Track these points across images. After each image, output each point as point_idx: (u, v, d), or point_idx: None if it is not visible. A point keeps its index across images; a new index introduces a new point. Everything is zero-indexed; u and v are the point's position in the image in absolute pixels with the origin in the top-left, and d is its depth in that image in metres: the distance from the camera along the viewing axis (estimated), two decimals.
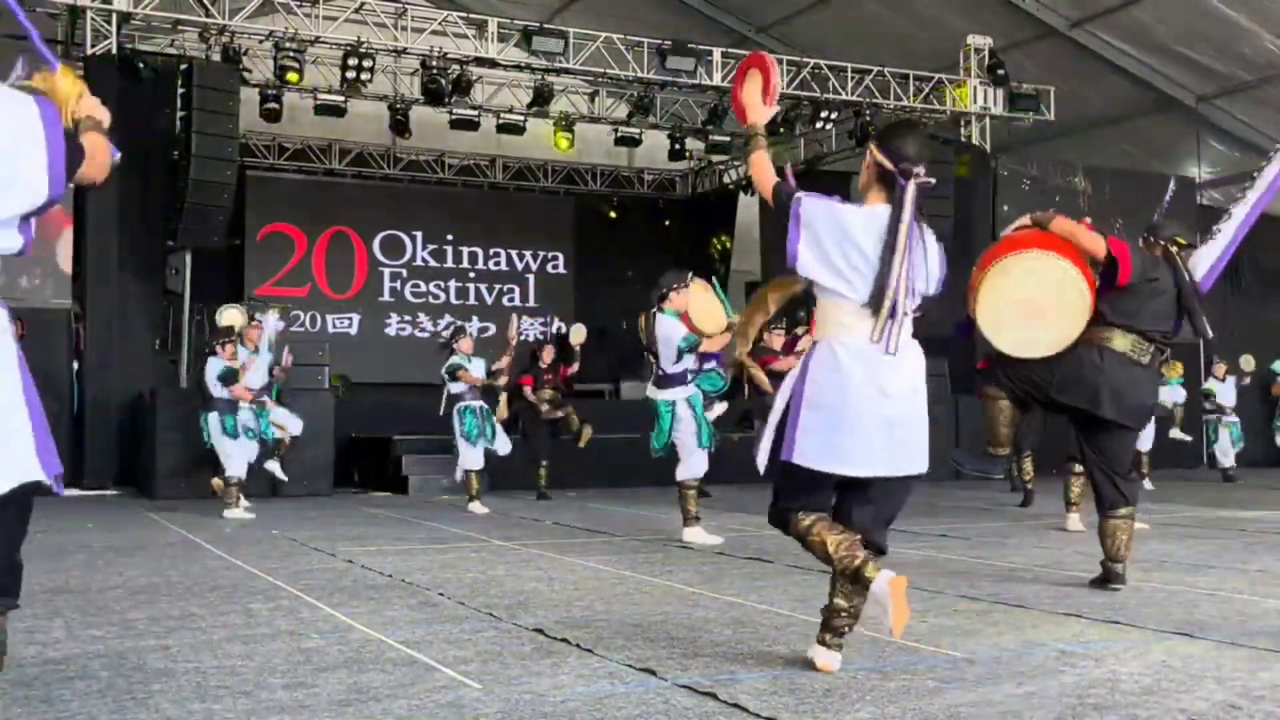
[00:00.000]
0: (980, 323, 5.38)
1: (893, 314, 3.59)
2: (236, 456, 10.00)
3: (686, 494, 7.83)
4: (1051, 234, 5.43)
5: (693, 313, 7.89)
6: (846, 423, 3.61)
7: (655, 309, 7.89)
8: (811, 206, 3.65)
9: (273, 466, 11.22)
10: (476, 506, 10.16)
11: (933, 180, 3.74)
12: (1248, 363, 15.02)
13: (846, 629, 3.73)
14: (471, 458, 10.42)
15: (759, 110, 3.96)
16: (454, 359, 10.53)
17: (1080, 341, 5.33)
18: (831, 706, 3.24)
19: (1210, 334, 5.61)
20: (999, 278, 5.33)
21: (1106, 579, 5.46)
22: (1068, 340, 5.30)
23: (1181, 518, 9.18)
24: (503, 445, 10.79)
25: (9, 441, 2.37)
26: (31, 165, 2.35)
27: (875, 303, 3.59)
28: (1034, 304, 5.28)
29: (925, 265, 3.70)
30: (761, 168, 3.85)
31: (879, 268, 3.58)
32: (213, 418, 9.98)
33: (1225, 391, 14.81)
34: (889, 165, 3.66)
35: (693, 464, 7.84)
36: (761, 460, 3.78)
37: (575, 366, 12.90)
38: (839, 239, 3.61)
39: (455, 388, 10.53)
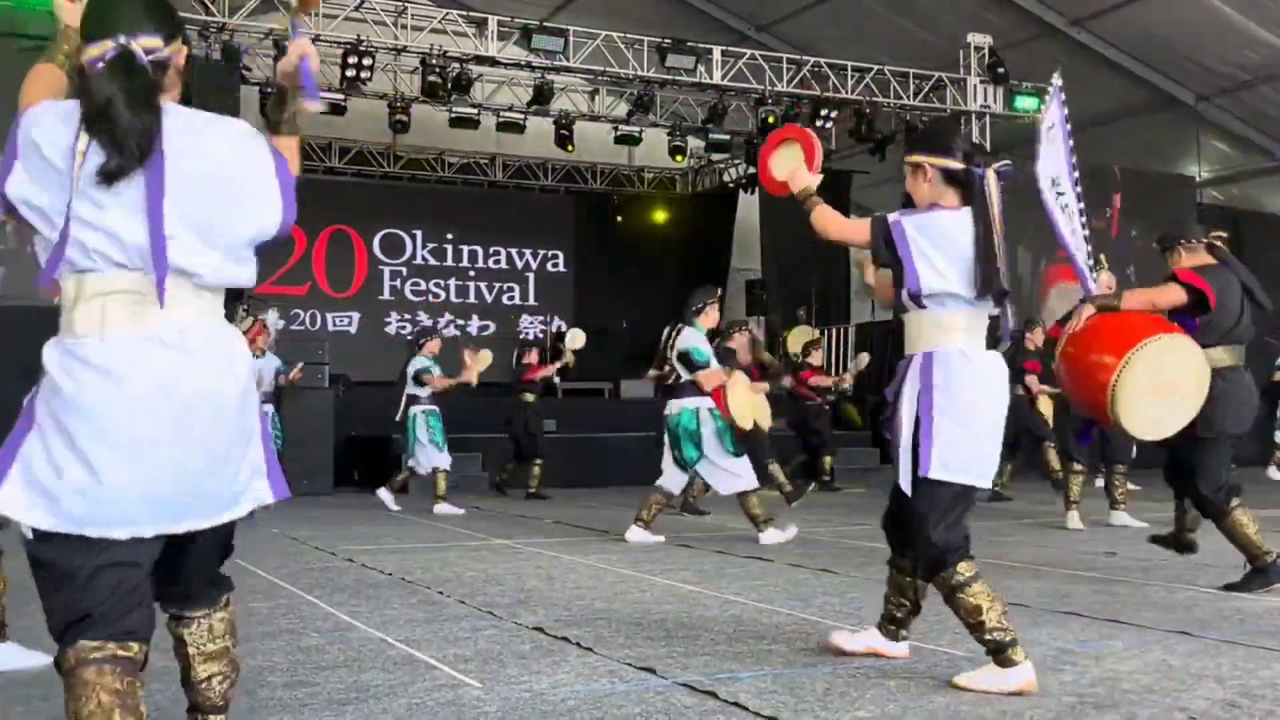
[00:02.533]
0: (1130, 428, 5.07)
1: (1001, 300, 3.56)
2: None
3: (748, 501, 7.54)
4: (1133, 313, 5.25)
5: (732, 404, 7.82)
6: (976, 431, 3.50)
7: (684, 324, 7.73)
8: (910, 222, 3.55)
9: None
10: (445, 508, 9.95)
11: (1009, 162, 3.64)
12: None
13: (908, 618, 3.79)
14: (441, 458, 10.26)
15: (805, 176, 3.86)
16: (421, 361, 10.35)
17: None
18: (832, 705, 3.24)
19: (1269, 304, 5.59)
20: (1130, 379, 4.96)
21: (1265, 575, 5.28)
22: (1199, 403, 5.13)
23: None
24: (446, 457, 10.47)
25: (253, 465, 2.41)
26: (266, 193, 2.39)
27: (986, 291, 3.50)
28: (1169, 386, 5.04)
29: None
30: (828, 218, 3.77)
31: (982, 260, 3.50)
32: None
33: None
34: (958, 165, 3.57)
35: (743, 474, 7.56)
36: (905, 482, 3.53)
37: (551, 369, 12.84)
38: (945, 245, 3.52)
39: (420, 391, 10.34)
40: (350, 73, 14.42)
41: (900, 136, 16.56)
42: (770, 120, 16.03)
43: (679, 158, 18.51)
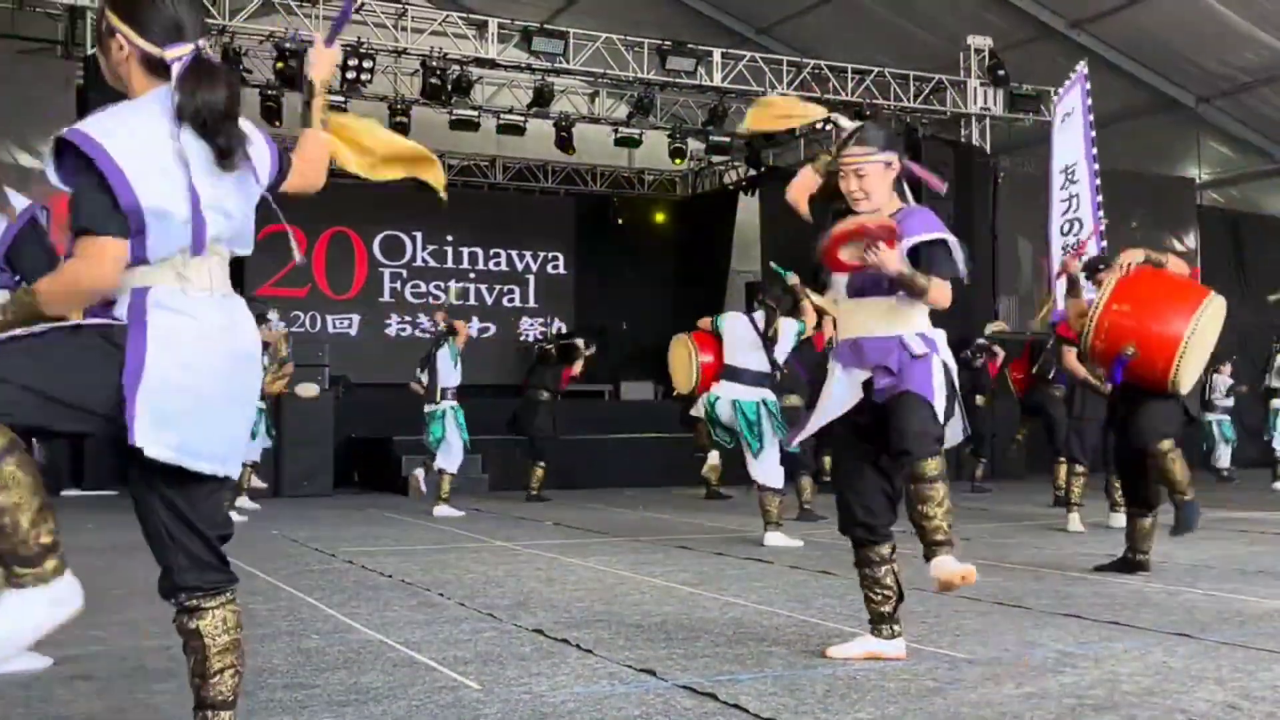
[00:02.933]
0: (1183, 385, 5.55)
1: None
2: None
3: (768, 498, 7.54)
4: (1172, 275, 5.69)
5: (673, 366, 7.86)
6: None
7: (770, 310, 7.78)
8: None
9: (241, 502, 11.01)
10: (446, 510, 9.93)
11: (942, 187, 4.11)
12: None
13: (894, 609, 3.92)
14: (455, 460, 10.27)
15: (897, 261, 3.76)
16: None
17: None
18: (832, 707, 3.24)
19: None
20: (1201, 341, 5.49)
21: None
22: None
23: None
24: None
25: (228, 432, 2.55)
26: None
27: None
28: (1208, 344, 5.62)
29: None
30: (942, 295, 3.84)
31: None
32: None
33: (1221, 390, 14.75)
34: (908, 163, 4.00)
35: (777, 470, 7.55)
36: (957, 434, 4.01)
37: (578, 368, 12.86)
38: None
39: (452, 382, 10.40)
40: (350, 75, 14.43)
41: (901, 139, 16.56)
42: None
43: (679, 160, 18.50)
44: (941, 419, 3.83)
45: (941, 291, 3.80)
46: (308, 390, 11.52)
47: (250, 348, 2.58)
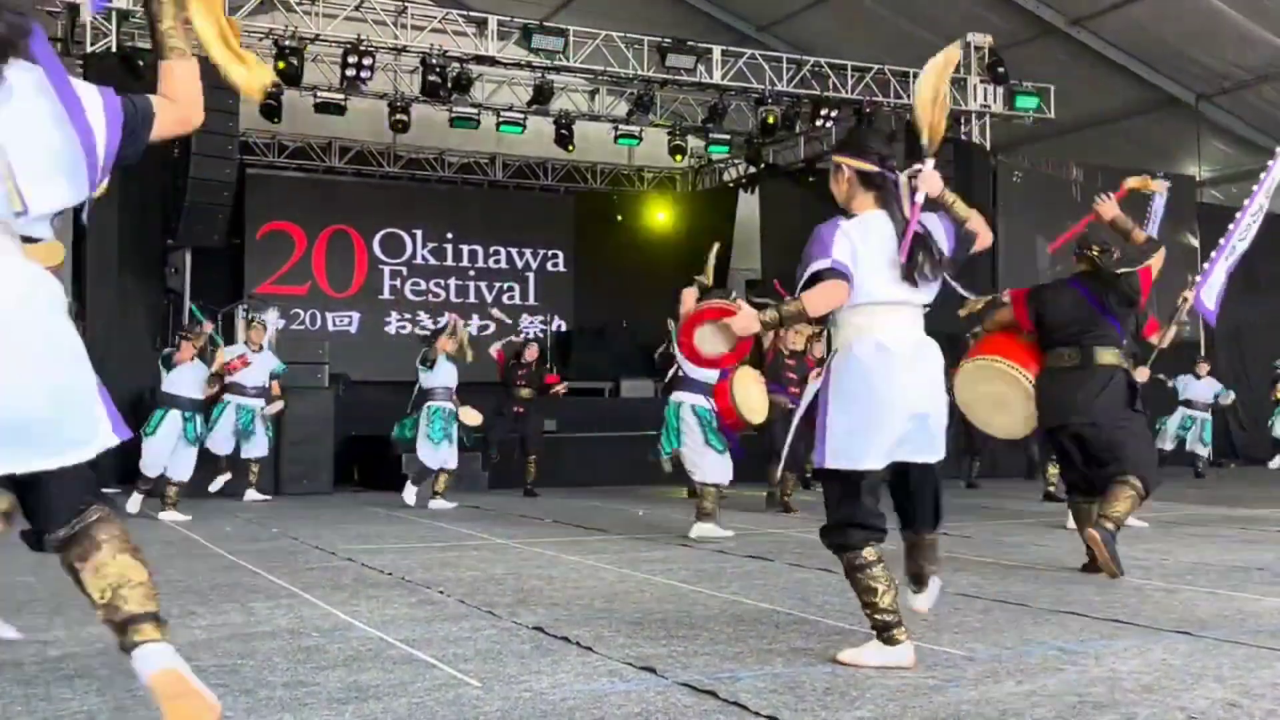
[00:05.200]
0: (1002, 433, 6.62)
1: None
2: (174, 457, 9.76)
3: (705, 491, 7.92)
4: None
5: (740, 402, 7.94)
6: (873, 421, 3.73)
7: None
8: (837, 255, 3.70)
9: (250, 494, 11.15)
10: (439, 503, 10.32)
11: (919, 166, 3.84)
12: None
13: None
14: (439, 455, 10.43)
15: (751, 322, 3.78)
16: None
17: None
18: (832, 705, 3.24)
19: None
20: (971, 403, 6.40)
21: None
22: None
23: (1181, 517, 9.18)
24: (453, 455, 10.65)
25: (92, 408, 2.55)
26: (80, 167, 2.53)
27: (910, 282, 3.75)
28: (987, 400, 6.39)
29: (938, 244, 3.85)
30: (815, 303, 3.73)
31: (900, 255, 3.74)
32: (172, 415, 9.63)
33: (1202, 389, 14.74)
34: (873, 168, 3.79)
35: (707, 467, 7.92)
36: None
37: (562, 387, 12.93)
38: (864, 250, 3.74)
39: (427, 382, 10.61)
40: (350, 72, 14.43)
41: (900, 136, 16.57)
42: (770, 120, 16.02)
43: (679, 157, 18.52)
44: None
45: (809, 300, 3.71)
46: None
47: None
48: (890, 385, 3.71)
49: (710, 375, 7.77)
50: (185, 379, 9.75)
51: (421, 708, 3.21)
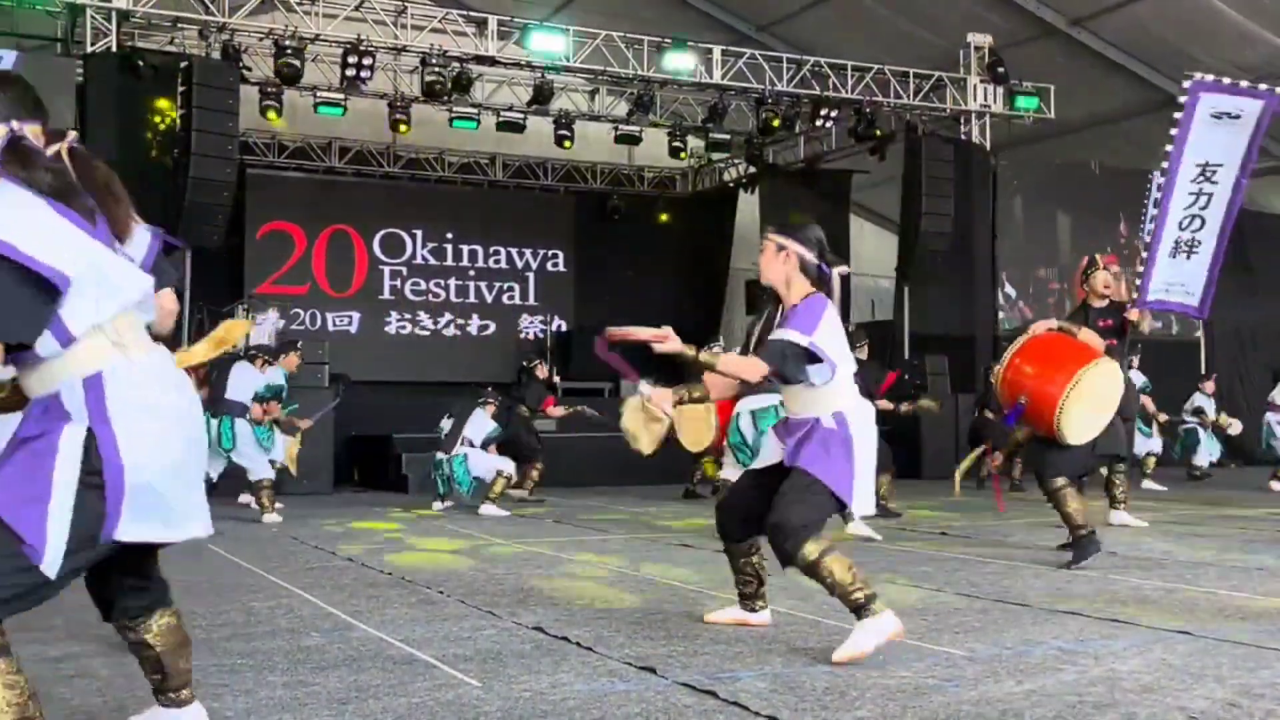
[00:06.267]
0: (1068, 436, 6.14)
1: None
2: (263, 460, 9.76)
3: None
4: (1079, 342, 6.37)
5: (682, 431, 8.11)
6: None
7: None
8: (818, 337, 4.02)
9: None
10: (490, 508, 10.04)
11: (848, 269, 4.34)
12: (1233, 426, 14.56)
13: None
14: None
15: (677, 348, 4.04)
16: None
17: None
18: (831, 704, 3.24)
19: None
20: (1079, 396, 6.05)
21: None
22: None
23: (1181, 516, 9.18)
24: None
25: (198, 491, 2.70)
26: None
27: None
28: (1101, 400, 6.19)
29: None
30: (734, 369, 4.21)
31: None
32: (242, 425, 9.50)
33: (1209, 404, 14.73)
34: (814, 260, 4.15)
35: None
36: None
37: (560, 409, 12.73)
38: (839, 334, 4.14)
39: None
40: (350, 72, 14.43)
41: (900, 136, 16.58)
42: (771, 121, 16.01)
43: (682, 155, 18.51)
44: (837, 493, 4.02)
45: (734, 365, 4.22)
46: None
47: None
48: (871, 439, 4.16)
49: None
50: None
51: (421, 708, 3.21)
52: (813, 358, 4.02)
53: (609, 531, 8.37)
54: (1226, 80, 7.16)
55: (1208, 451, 14.47)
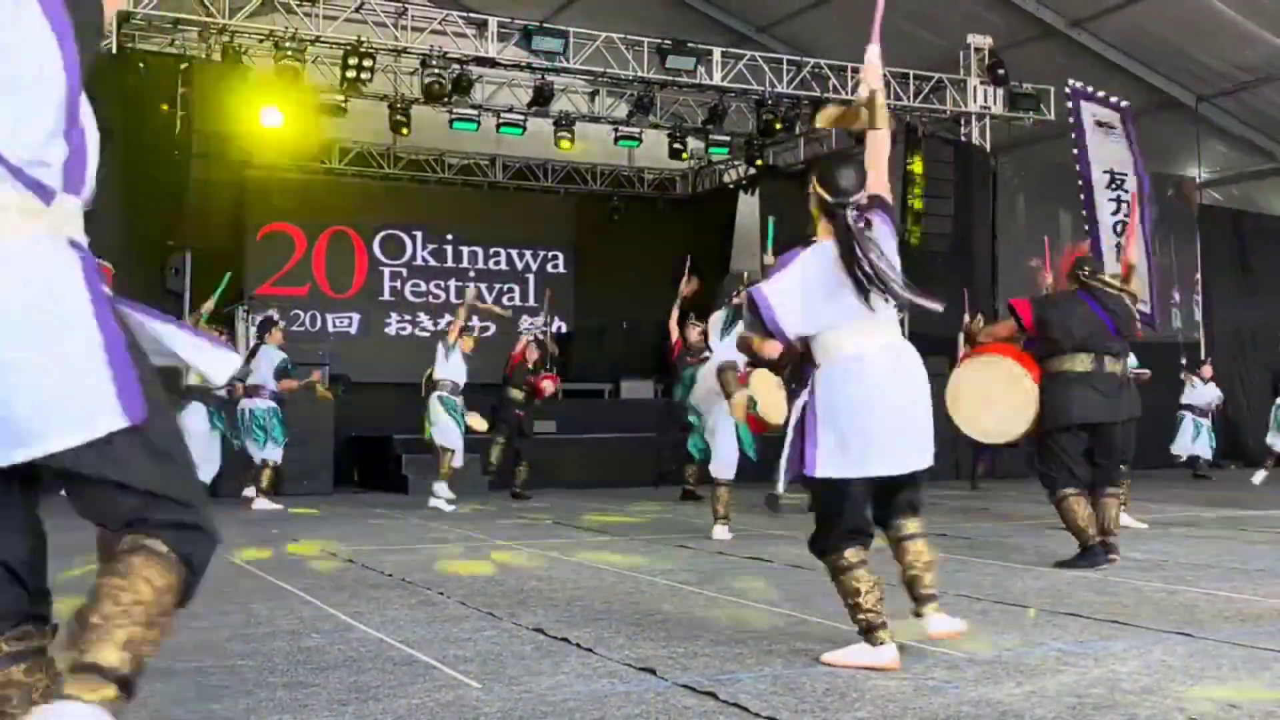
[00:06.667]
0: (973, 433, 6.87)
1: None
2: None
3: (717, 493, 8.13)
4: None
5: (762, 404, 8.09)
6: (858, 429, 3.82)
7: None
8: (771, 286, 3.82)
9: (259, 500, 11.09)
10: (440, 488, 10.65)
11: (870, 216, 3.94)
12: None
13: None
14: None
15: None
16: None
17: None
18: (831, 706, 3.24)
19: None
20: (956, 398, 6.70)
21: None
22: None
23: (1180, 517, 9.18)
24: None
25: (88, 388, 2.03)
26: None
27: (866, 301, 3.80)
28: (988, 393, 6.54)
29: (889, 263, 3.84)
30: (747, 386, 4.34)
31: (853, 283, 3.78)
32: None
33: (1204, 394, 14.73)
34: (829, 198, 3.87)
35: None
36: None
37: (553, 389, 12.67)
38: (818, 277, 3.81)
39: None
40: (350, 74, 14.41)
41: (900, 137, 16.56)
42: (772, 122, 16.00)
43: (682, 156, 18.50)
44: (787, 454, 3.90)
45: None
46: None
47: None
48: (871, 392, 3.80)
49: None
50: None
51: (422, 709, 3.22)
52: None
53: (609, 532, 8.37)
54: (1099, 92, 7.39)
55: (1205, 444, 14.52)
